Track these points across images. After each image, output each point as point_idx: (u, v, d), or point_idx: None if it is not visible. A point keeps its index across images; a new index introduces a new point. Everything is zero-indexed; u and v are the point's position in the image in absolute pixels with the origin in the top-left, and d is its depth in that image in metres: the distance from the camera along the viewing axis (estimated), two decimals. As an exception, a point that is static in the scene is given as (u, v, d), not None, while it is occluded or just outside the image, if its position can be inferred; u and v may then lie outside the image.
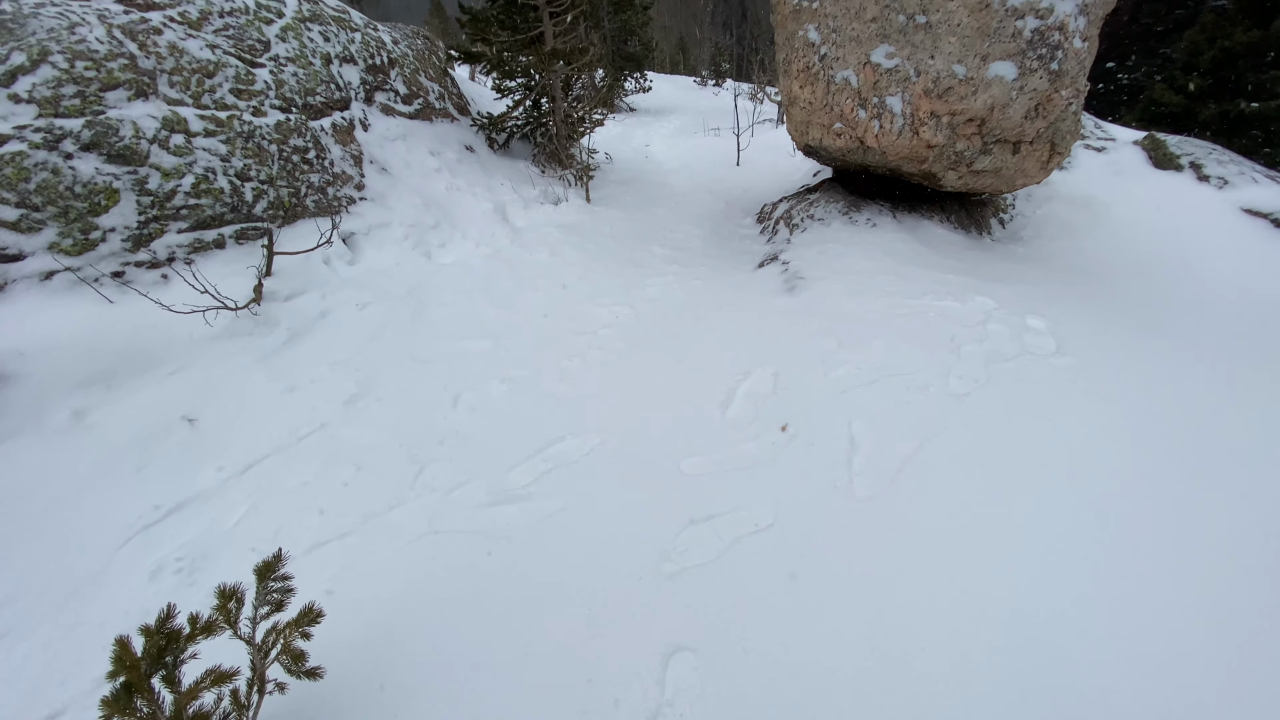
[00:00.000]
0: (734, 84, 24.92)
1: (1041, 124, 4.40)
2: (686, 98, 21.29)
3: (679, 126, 15.68)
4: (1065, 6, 3.96)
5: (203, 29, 4.55)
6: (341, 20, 6.24)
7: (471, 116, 8.03)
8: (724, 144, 11.24)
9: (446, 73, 8.20)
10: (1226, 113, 14.99)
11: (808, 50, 4.85)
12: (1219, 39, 14.36)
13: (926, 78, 4.15)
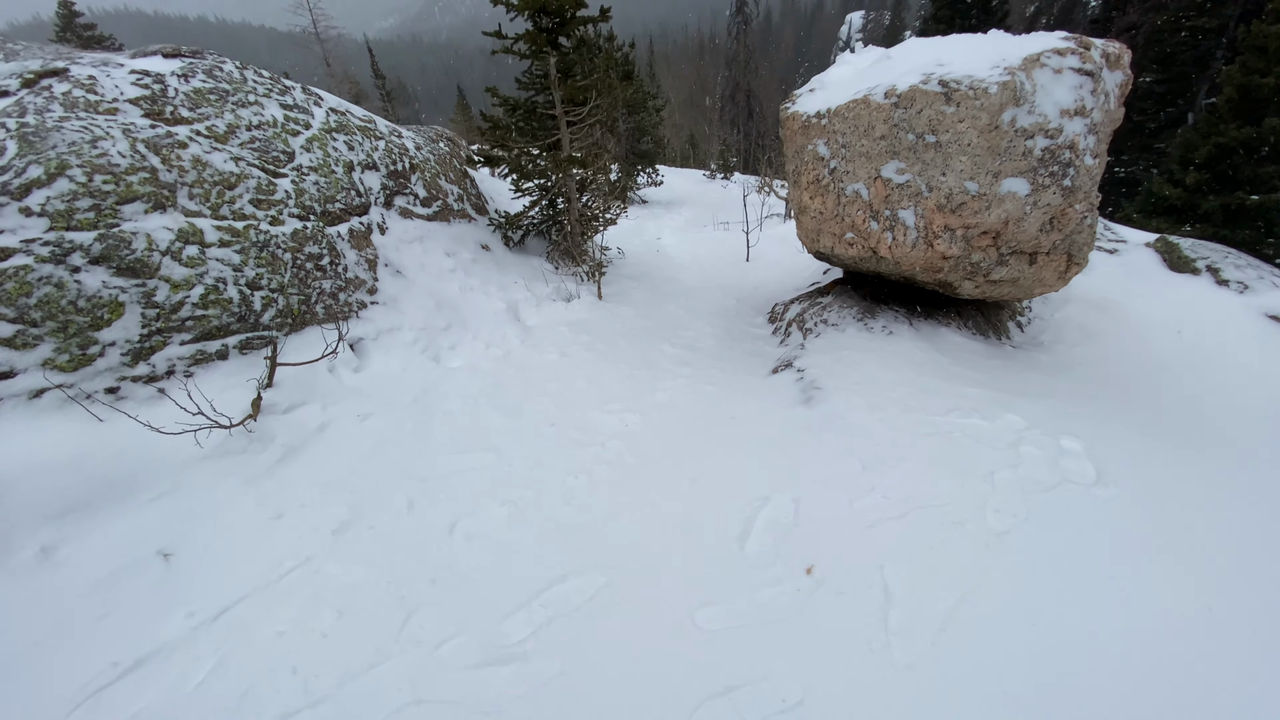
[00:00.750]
0: (741, 177, 26.02)
1: (1057, 236, 4.36)
2: (696, 190, 22.12)
3: (689, 219, 16.16)
4: (1074, 126, 4.00)
5: (229, 142, 4.72)
6: (367, 130, 6.53)
7: (489, 216, 8.26)
8: (733, 238, 11.49)
9: (466, 174, 8.51)
10: (1228, 205, 15.21)
11: (817, 164, 4.93)
12: (1213, 135, 14.80)
13: (939, 193, 4.16)
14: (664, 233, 13.82)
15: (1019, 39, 4.36)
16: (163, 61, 5.04)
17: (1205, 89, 20.45)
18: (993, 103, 3.80)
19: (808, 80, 26.39)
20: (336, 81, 27.65)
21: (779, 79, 53.48)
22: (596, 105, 7.83)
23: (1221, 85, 15.22)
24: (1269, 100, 14.00)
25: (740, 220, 13.78)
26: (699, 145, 37.47)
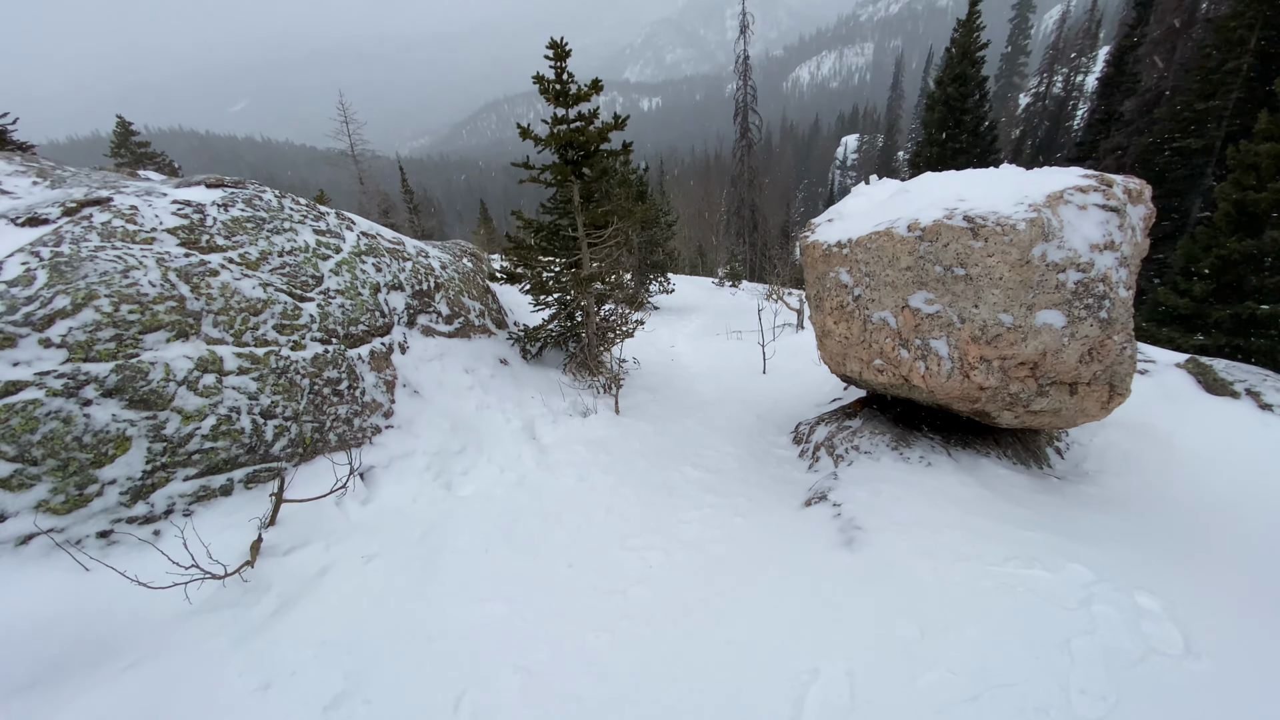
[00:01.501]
0: (749, 285, 26.79)
1: (1098, 367, 4.20)
2: (706, 297, 22.67)
3: (701, 326, 16.37)
4: (1105, 260, 3.97)
5: (260, 268, 4.80)
6: (396, 251, 6.73)
7: (508, 329, 8.33)
8: (747, 347, 11.52)
9: (489, 290, 8.69)
10: (1238, 315, 15.22)
11: (840, 291, 4.92)
12: (1214, 247, 15.10)
13: (972, 324, 4.07)
14: (678, 340, 13.93)
15: (1037, 175, 4.46)
16: (205, 191, 5.27)
17: (1199, 203, 21.21)
18: (1022, 239, 3.80)
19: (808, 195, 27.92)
20: (368, 197, 29.52)
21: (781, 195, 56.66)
22: (616, 229, 8.12)
23: (1216, 200, 15.78)
24: (1266, 214, 14.41)
25: (752, 329, 13.92)
26: (707, 255, 39.05)
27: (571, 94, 7.25)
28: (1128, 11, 40.06)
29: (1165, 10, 25.83)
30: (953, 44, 23.96)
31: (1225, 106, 18.62)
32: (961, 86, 23.69)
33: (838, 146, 79.98)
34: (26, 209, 4.17)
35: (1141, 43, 25.81)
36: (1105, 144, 27.03)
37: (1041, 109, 42.67)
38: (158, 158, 26.41)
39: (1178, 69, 23.36)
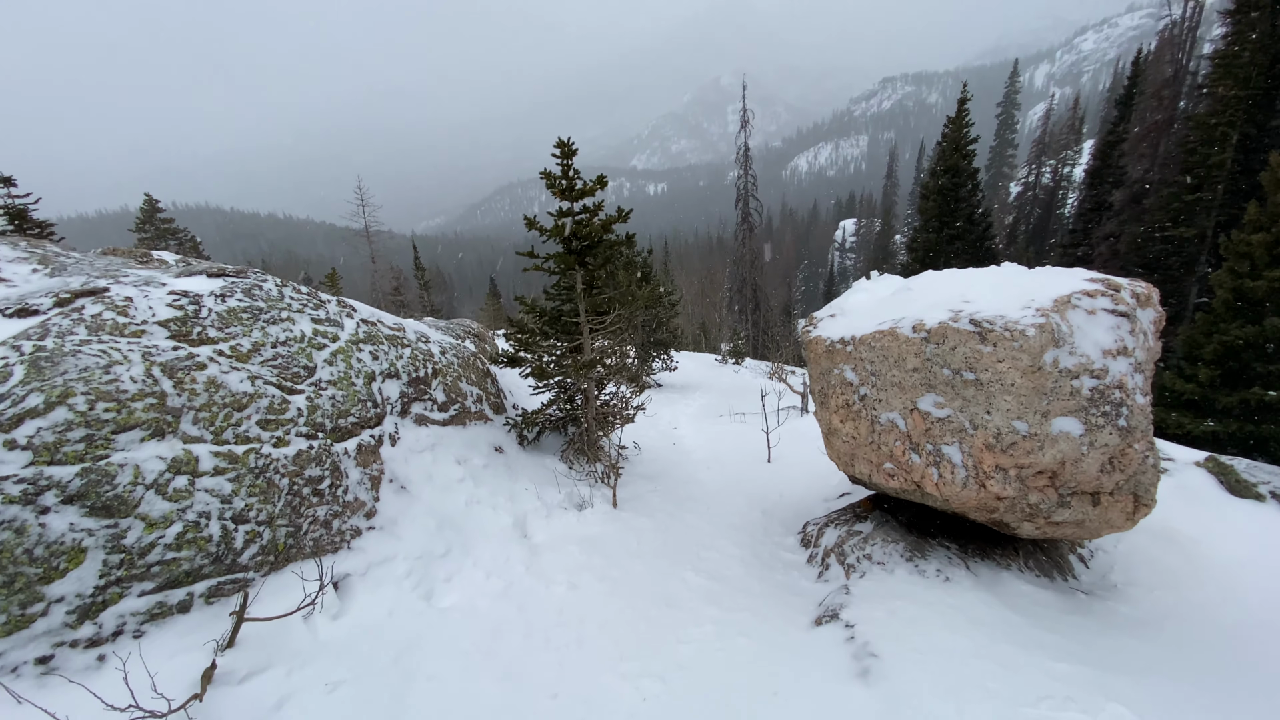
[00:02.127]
0: (752, 363, 26.83)
1: (1120, 477, 3.97)
2: (709, 375, 22.62)
3: (704, 405, 16.17)
4: (1119, 366, 3.83)
5: (250, 360, 4.71)
6: (395, 338, 6.68)
7: (506, 414, 8.16)
8: (750, 431, 11.26)
9: (489, 373, 8.60)
10: (1247, 401, 14.98)
11: (846, 389, 4.78)
12: (1215, 333, 15.07)
13: (986, 431, 3.88)
14: (680, 421, 13.70)
15: (1040, 277, 4.41)
16: (205, 281, 5.28)
17: (1195, 289, 21.42)
18: (1032, 345, 3.67)
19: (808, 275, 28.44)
20: (380, 274, 30.28)
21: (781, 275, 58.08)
22: (619, 315, 8.13)
23: (1213, 287, 15.91)
24: (1264, 301, 14.47)
25: (755, 410, 13.71)
26: (710, 332, 39.45)
27: (577, 189, 7.46)
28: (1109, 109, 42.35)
29: (1146, 108, 27.24)
30: (944, 138, 25.17)
31: (1213, 197, 19.19)
32: (955, 177, 24.65)
33: (836, 230, 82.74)
34: (19, 299, 4.13)
35: (1125, 138, 27.06)
36: (1097, 232, 27.77)
37: (1032, 198, 44.29)
38: (179, 234, 27.40)
39: (1163, 161, 24.31)
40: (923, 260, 26.62)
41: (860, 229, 75.32)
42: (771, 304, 44.86)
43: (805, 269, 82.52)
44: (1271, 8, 17.37)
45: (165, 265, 7.84)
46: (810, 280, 79.61)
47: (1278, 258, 13.88)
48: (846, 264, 76.91)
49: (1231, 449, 15.68)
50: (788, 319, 47.80)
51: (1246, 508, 5.83)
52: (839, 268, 74.34)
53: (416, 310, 39.98)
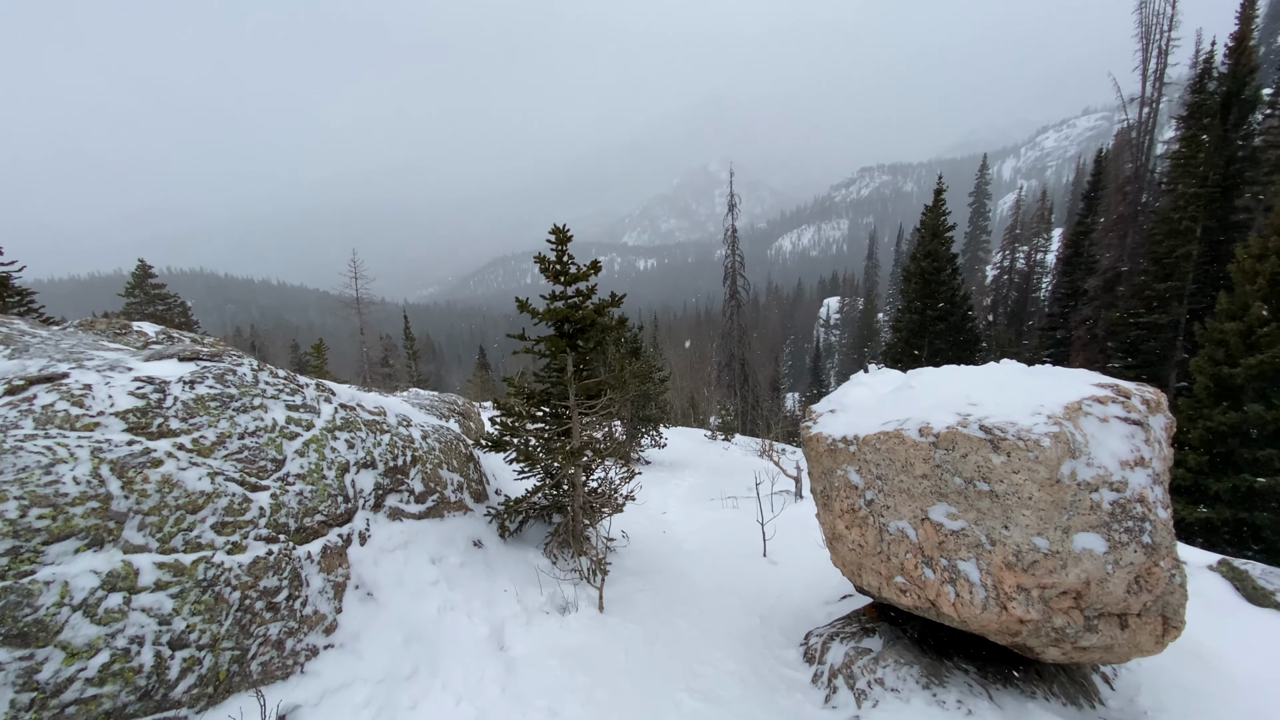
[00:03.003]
0: (741, 439, 26.47)
1: (1148, 597, 3.68)
2: (699, 452, 22.21)
3: (694, 486, 15.71)
4: (1138, 478, 3.63)
5: (213, 455, 4.38)
6: (374, 424, 6.37)
7: (487, 502, 7.74)
8: (743, 519, 10.80)
9: (471, 457, 8.23)
10: (1237, 488, 14.82)
11: (851, 492, 4.52)
12: (1199, 419, 15.10)
13: (1004, 548, 3.61)
14: (670, 504, 13.21)
15: (1044, 379, 4.29)
16: (175, 366, 5.01)
17: (1175, 373, 21.74)
18: (1048, 456, 3.48)
19: (794, 351, 28.69)
20: (369, 346, 30.10)
21: (769, 350, 58.80)
22: (610, 400, 7.92)
23: (1193, 373, 16.11)
24: (1243, 387, 14.62)
25: (747, 494, 13.27)
26: (699, 405, 39.26)
27: (570, 274, 7.43)
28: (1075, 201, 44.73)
29: (1111, 201, 28.74)
30: (923, 225, 26.24)
31: (1183, 286, 19.85)
32: (935, 261, 25.50)
33: (820, 307, 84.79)
34: (-33, 389, 3.83)
35: (1094, 229, 28.37)
36: (1074, 316, 28.54)
37: (1008, 281, 45.86)
38: (169, 299, 27.24)
39: (1131, 251, 25.35)
40: (908, 340, 27.10)
41: (844, 306, 77.22)
42: (759, 379, 45.03)
43: (791, 344, 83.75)
44: (1221, 115, 18.69)
45: (144, 337, 7.57)
46: (797, 355, 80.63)
47: (1253, 345, 14.15)
48: (831, 340, 78.28)
49: (1226, 535, 15.39)
50: (775, 394, 47.86)
51: (1267, 618, 5.51)
52: (824, 344, 75.56)
53: (404, 380, 39.57)
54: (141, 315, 25.95)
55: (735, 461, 20.57)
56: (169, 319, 26.98)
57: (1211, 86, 19.32)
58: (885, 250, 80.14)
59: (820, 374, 60.16)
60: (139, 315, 25.93)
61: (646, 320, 69.38)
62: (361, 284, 29.78)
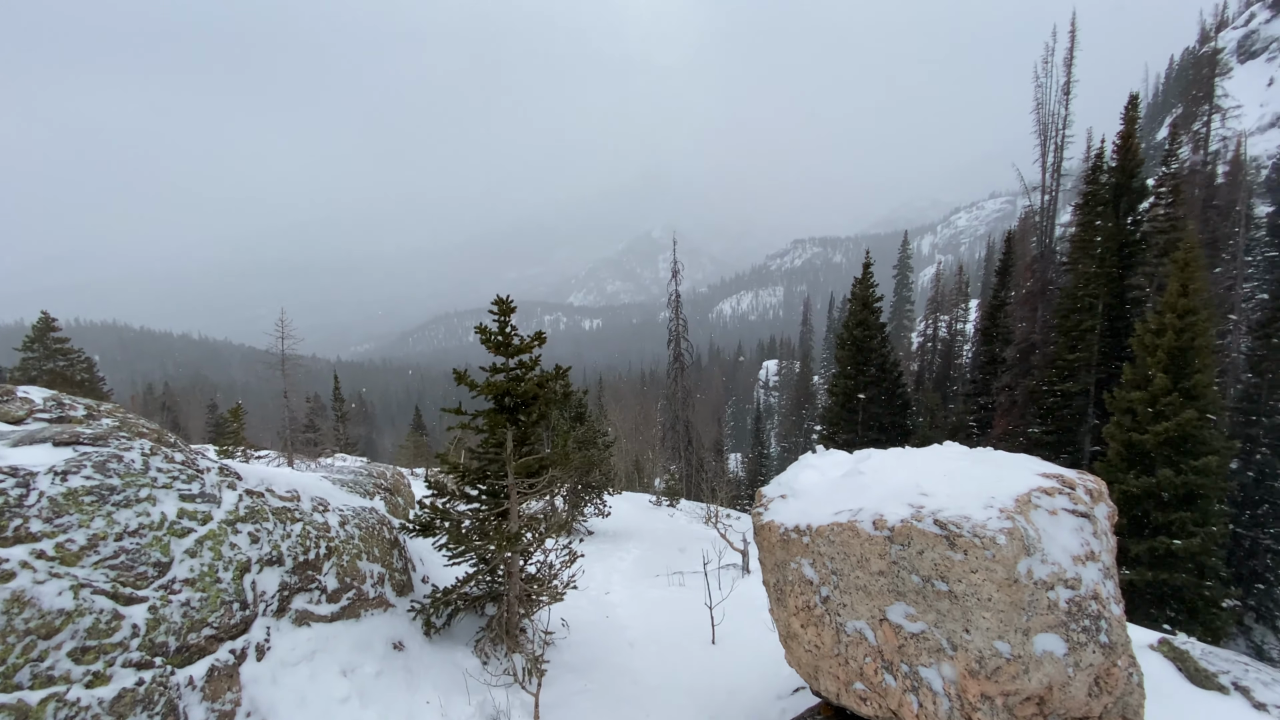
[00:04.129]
0: (687, 504, 26.04)
1: (1108, 699, 3.57)
2: (644, 520, 21.63)
3: (639, 559, 15.13)
4: (1091, 574, 3.60)
5: (80, 562, 3.72)
6: (284, 512, 5.72)
7: (412, 596, 7.03)
8: (690, 598, 10.32)
9: (396, 543, 7.54)
10: (1155, 549, 15.59)
11: (805, 587, 4.30)
12: (1115, 483, 15.91)
13: (967, 654, 3.44)
14: (613, 582, 12.59)
15: (990, 465, 4.30)
16: (50, 452, 4.34)
17: (1089, 438, 23.15)
18: (1005, 554, 3.39)
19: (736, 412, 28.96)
20: (293, 406, 28.29)
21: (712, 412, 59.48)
22: (553, 477, 7.51)
23: (1105, 439, 17.14)
24: (1153, 453, 15.62)
25: (694, 567, 12.80)
26: (644, 469, 38.71)
27: (513, 345, 7.15)
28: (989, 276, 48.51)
29: (1021, 277, 31.28)
30: (853, 295, 27.69)
31: (1090, 357, 21.46)
32: (866, 330, 26.78)
33: (760, 369, 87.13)
34: None
35: (1008, 302, 30.66)
36: (995, 383, 30.29)
37: (932, 348, 48.63)
38: (71, 354, 24.89)
39: (1043, 324, 27.42)
40: (843, 404, 27.98)
41: (782, 369, 79.62)
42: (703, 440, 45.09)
43: (733, 405, 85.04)
44: (1113, 203, 20.90)
45: (28, 405, 6.65)
46: (738, 416, 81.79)
47: (1158, 413, 15.23)
48: (771, 401, 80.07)
49: (1149, 597, 16.02)
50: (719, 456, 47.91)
51: (1212, 702, 5.53)
52: (764, 405, 77.11)
53: (330, 444, 37.18)
54: (39, 372, 23.54)
55: (681, 529, 20.11)
56: (70, 376, 24.59)
57: (1103, 178, 21.66)
58: (819, 316, 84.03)
59: (761, 435, 60.96)
60: (36, 372, 23.52)
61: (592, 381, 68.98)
62: (291, 342, 28.22)
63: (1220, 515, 15.71)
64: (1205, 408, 15.16)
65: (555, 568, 8.14)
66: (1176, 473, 14.66)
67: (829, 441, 29.28)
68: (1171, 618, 15.65)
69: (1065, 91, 24.61)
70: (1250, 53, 75.51)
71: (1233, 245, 28.51)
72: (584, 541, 16.68)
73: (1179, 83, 76.94)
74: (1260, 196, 43.15)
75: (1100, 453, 20.35)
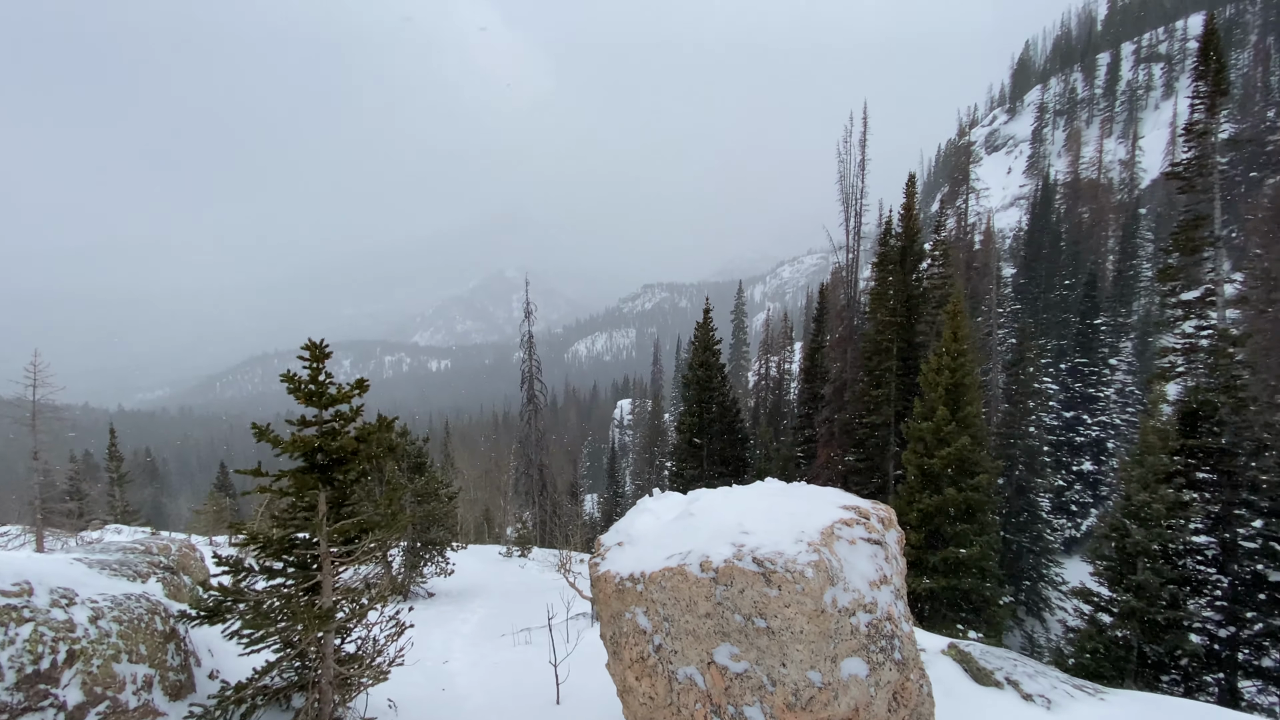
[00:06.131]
0: (540, 552, 25.18)
1: (905, 712, 3.96)
2: (492, 574, 20.52)
3: (484, 619, 14.22)
4: (884, 597, 4.00)
5: None
6: (8, 611, 4.48)
7: (192, 699, 5.81)
8: (537, 656, 9.80)
9: (173, 633, 6.24)
10: (946, 559, 18.11)
11: (639, 637, 4.26)
12: (914, 502, 18.34)
13: (784, 688, 3.61)
14: (454, 647, 11.62)
15: (800, 499, 4.67)
16: None
17: (892, 464, 26.50)
18: (813, 587, 3.66)
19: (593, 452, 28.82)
20: (46, 471, 22.83)
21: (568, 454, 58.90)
22: (377, 541, 6.75)
23: (904, 464, 19.74)
24: (940, 475, 18.24)
25: (542, 622, 12.27)
26: (494, 519, 36.89)
27: (329, 395, 6.42)
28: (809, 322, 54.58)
29: (833, 324, 35.61)
30: (695, 339, 29.56)
31: (890, 393, 24.83)
32: (707, 370, 28.62)
33: (615, 409, 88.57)
34: None
35: (824, 345, 34.64)
36: (817, 417, 33.82)
37: (766, 386, 53.25)
38: None
39: (852, 364, 31.33)
40: (689, 440, 29.42)
41: (635, 408, 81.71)
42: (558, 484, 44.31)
43: (590, 444, 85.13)
44: (900, 262, 24.71)
45: None
46: (595, 457, 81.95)
47: (942, 440, 17.87)
48: (626, 439, 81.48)
49: (945, 601, 18.48)
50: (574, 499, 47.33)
51: (991, 698, 6.39)
52: (619, 444, 78.24)
53: (101, 514, 30.48)
54: None
55: (532, 580, 19.33)
56: None
57: (892, 241, 25.66)
58: (668, 357, 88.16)
59: (616, 474, 61.55)
60: None
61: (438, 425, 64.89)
62: (47, 390, 23.00)
63: (993, 525, 18.70)
64: (976, 434, 18.17)
65: (380, 642, 7.27)
66: (959, 491, 17.22)
67: (677, 478, 30.44)
68: (964, 618, 18.17)
69: (861, 167, 29.02)
70: (994, 146, 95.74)
71: (989, 299, 35.17)
72: (424, 605, 15.31)
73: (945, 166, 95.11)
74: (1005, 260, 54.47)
75: (901, 476, 23.40)
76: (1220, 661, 16.41)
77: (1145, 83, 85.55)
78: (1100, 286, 45.11)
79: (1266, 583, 16.41)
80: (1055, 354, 42.80)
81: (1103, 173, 68.89)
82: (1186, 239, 19.20)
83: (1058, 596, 28.09)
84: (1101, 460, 38.68)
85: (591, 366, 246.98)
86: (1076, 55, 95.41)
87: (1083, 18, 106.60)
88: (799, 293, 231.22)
